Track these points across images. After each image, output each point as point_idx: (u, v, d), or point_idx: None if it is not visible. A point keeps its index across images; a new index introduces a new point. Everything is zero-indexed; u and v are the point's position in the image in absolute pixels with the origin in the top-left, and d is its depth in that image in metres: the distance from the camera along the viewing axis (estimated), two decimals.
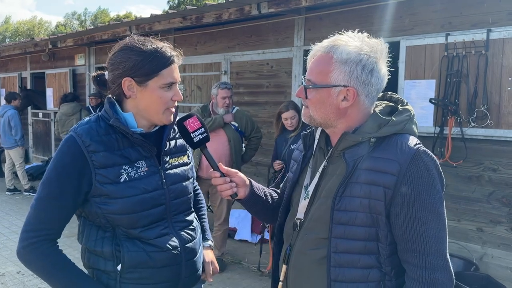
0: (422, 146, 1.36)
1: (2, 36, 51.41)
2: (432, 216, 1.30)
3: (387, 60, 1.42)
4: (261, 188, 1.66)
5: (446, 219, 1.35)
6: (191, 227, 1.73)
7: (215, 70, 6.34)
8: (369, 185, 1.32)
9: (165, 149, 1.66)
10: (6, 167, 8.22)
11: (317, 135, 1.53)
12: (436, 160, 1.37)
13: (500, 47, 3.77)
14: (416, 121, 1.43)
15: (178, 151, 1.73)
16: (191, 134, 1.56)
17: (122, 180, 1.53)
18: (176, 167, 1.69)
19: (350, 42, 1.37)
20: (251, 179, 1.63)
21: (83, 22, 55.48)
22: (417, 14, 4.29)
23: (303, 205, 1.47)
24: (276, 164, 4.35)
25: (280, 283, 1.53)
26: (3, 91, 11.25)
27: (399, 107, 1.45)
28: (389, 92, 1.53)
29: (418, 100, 4.20)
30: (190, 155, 1.81)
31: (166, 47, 1.57)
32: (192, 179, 1.79)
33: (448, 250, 1.34)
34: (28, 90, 9.96)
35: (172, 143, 1.71)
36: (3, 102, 8.53)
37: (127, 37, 1.61)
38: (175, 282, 1.64)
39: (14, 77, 11.13)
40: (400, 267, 1.37)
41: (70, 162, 1.49)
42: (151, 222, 1.58)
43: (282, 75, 5.57)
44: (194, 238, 1.72)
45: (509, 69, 3.73)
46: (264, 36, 5.75)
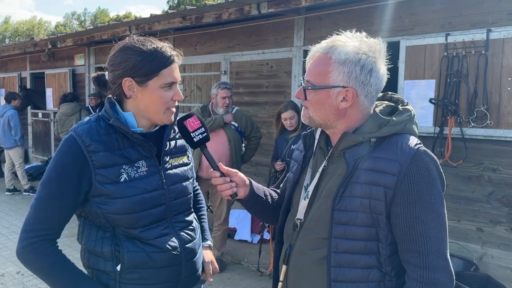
0: (422, 146, 1.35)
1: (1, 36, 51.40)
2: (433, 216, 1.30)
3: (386, 59, 1.42)
4: (261, 188, 1.66)
5: (447, 219, 1.35)
6: (191, 227, 1.73)
7: (214, 70, 6.34)
8: (369, 185, 1.31)
9: (165, 149, 1.66)
10: (6, 167, 8.21)
11: (317, 135, 1.53)
12: (437, 160, 1.36)
13: (500, 47, 3.77)
14: (416, 121, 1.43)
15: (178, 151, 1.73)
16: (191, 133, 1.55)
17: (122, 180, 1.52)
18: (176, 167, 1.69)
19: (349, 42, 1.37)
20: (251, 179, 1.63)
21: (83, 22, 55.48)
22: (417, 14, 4.29)
23: (303, 205, 1.46)
24: (278, 164, 4.35)
25: (280, 283, 1.53)
26: (2, 91, 11.24)
27: (400, 107, 1.44)
28: (389, 92, 1.53)
29: (418, 100, 4.20)
30: (190, 156, 1.81)
31: (166, 46, 1.57)
32: (192, 179, 1.79)
33: (448, 250, 1.34)
34: (28, 89, 9.95)
35: (172, 143, 1.71)
36: (3, 102, 8.52)
37: (127, 37, 1.60)
38: (175, 282, 1.64)
39: (14, 77, 11.13)
40: (400, 267, 1.37)
41: (70, 161, 1.49)
42: (151, 222, 1.58)
43: (282, 75, 5.57)
44: (193, 238, 1.72)
45: (509, 69, 3.73)
46: (264, 36, 5.75)
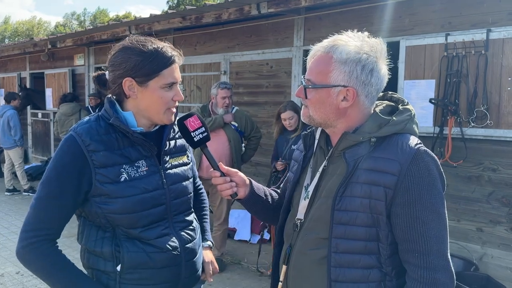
0: (423, 146, 1.35)
1: (1, 36, 51.38)
2: (433, 216, 1.30)
3: (386, 59, 1.42)
4: (261, 188, 1.65)
5: (447, 219, 1.35)
6: (191, 227, 1.73)
7: (214, 70, 6.33)
8: (369, 185, 1.31)
9: (165, 148, 1.65)
10: (6, 167, 8.21)
11: (317, 135, 1.53)
12: (437, 160, 1.36)
13: (500, 47, 3.77)
14: (416, 120, 1.43)
15: (178, 151, 1.72)
16: (192, 133, 1.55)
17: (123, 179, 1.52)
18: (176, 167, 1.69)
19: (350, 42, 1.37)
20: (251, 179, 1.63)
21: (82, 22, 55.47)
22: (416, 14, 4.29)
23: (303, 205, 1.46)
24: (279, 164, 4.35)
25: (280, 283, 1.53)
26: (2, 91, 11.24)
27: (400, 107, 1.44)
28: (389, 92, 1.53)
29: (417, 100, 4.20)
30: (190, 155, 1.81)
31: (166, 47, 1.57)
32: (192, 179, 1.79)
33: (449, 250, 1.34)
34: (28, 89, 9.94)
35: (172, 143, 1.71)
36: (2, 102, 8.51)
37: (128, 37, 1.60)
38: (175, 282, 1.64)
39: (13, 77, 11.12)
40: (400, 267, 1.37)
41: (70, 161, 1.48)
42: (151, 222, 1.58)
43: (282, 75, 5.57)
44: (194, 238, 1.71)
45: (508, 69, 3.73)
46: (263, 36, 5.75)
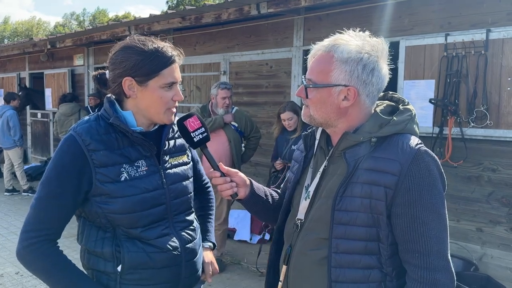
0: (423, 146, 1.35)
1: (0, 37, 51.36)
2: (434, 216, 1.30)
3: (387, 59, 1.42)
4: (261, 188, 1.65)
5: (448, 220, 1.35)
6: (192, 227, 1.72)
7: (214, 70, 6.33)
8: (370, 185, 1.31)
9: (164, 148, 1.65)
10: (5, 168, 8.20)
11: (317, 135, 1.53)
12: (438, 160, 1.36)
13: (499, 47, 3.77)
14: (417, 121, 1.42)
15: (177, 151, 1.72)
16: (191, 133, 1.55)
17: (123, 179, 1.52)
18: (175, 166, 1.69)
19: (351, 41, 1.37)
20: (251, 179, 1.63)
21: (82, 22, 55.47)
22: (416, 14, 4.29)
23: (304, 205, 1.46)
24: (278, 163, 4.35)
25: (280, 284, 1.52)
26: (1, 92, 11.23)
27: (400, 107, 1.44)
28: (390, 92, 1.53)
29: (417, 100, 4.20)
30: (190, 155, 1.80)
31: (167, 46, 1.57)
32: (192, 178, 1.78)
33: (449, 251, 1.33)
34: (28, 89, 9.94)
35: (171, 142, 1.70)
36: (2, 103, 8.51)
37: (128, 36, 1.60)
38: (175, 282, 1.63)
39: (13, 77, 11.11)
40: (401, 267, 1.36)
41: (70, 161, 1.48)
42: (151, 222, 1.58)
43: (282, 75, 5.57)
44: (194, 238, 1.71)
45: (508, 69, 3.73)
46: (263, 36, 5.75)
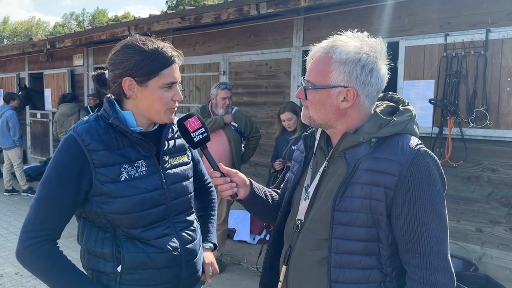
0: (423, 146, 1.35)
1: (0, 37, 51.33)
2: (433, 216, 1.30)
3: (387, 60, 1.42)
4: (261, 189, 1.65)
5: (447, 220, 1.35)
6: (192, 227, 1.72)
7: (214, 71, 6.33)
8: (369, 185, 1.31)
9: (164, 148, 1.65)
10: (4, 168, 8.20)
11: (317, 136, 1.53)
12: (438, 160, 1.36)
13: (499, 47, 3.77)
14: (417, 121, 1.42)
15: (177, 151, 1.72)
16: (192, 134, 1.55)
17: (123, 179, 1.52)
18: (175, 166, 1.69)
19: (350, 42, 1.37)
20: (251, 180, 1.63)
21: (81, 22, 55.47)
22: (416, 15, 4.29)
23: (304, 206, 1.46)
24: (277, 164, 4.35)
25: (280, 284, 1.52)
26: (1, 92, 11.23)
27: (400, 107, 1.44)
28: (389, 92, 1.53)
29: (417, 101, 4.20)
30: (190, 155, 1.80)
31: (167, 47, 1.57)
32: (192, 178, 1.78)
33: (449, 251, 1.34)
34: (28, 88, 9.94)
35: (171, 142, 1.70)
36: (1, 103, 8.50)
37: (128, 36, 1.60)
38: (175, 283, 1.63)
39: (12, 77, 11.11)
40: (401, 268, 1.36)
41: (70, 161, 1.48)
42: (151, 222, 1.58)
43: (281, 76, 5.57)
44: (194, 239, 1.71)
45: (508, 69, 3.74)
46: (263, 37, 5.75)
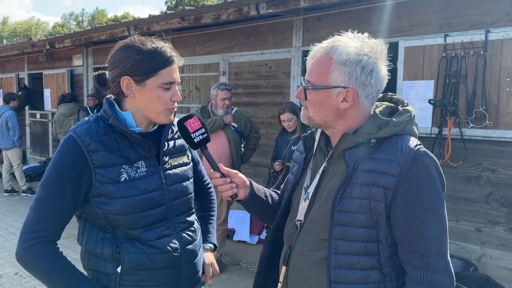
0: (422, 147, 1.35)
1: None
2: (433, 217, 1.30)
3: (387, 61, 1.42)
4: (261, 189, 1.65)
5: (447, 220, 1.35)
6: (192, 228, 1.72)
7: (213, 71, 6.33)
8: (369, 186, 1.31)
9: (163, 149, 1.65)
10: (4, 168, 8.19)
11: (317, 136, 1.53)
12: (437, 161, 1.36)
13: (498, 48, 3.77)
14: (416, 122, 1.43)
15: (177, 151, 1.72)
16: (192, 134, 1.55)
17: (122, 179, 1.52)
18: (175, 167, 1.69)
19: (350, 43, 1.37)
20: (251, 180, 1.63)
21: (80, 22, 55.46)
22: (415, 15, 4.30)
23: (303, 206, 1.46)
24: (276, 165, 4.35)
25: (280, 284, 1.53)
26: (0, 92, 11.22)
27: (400, 108, 1.44)
28: (389, 93, 1.53)
29: (416, 101, 4.20)
30: (191, 155, 1.80)
31: (166, 47, 1.57)
32: (192, 179, 1.78)
33: (448, 251, 1.34)
34: (28, 88, 9.94)
35: (171, 143, 1.70)
36: (1, 103, 8.50)
37: (128, 37, 1.60)
38: (175, 284, 1.63)
39: (12, 77, 11.11)
40: (400, 268, 1.37)
41: (70, 162, 1.48)
42: (151, 222, 1.58)
43: (281, 76, 5.57)
44: (194, 239, 1.71)
45: (507, 69, 3.74)
46: (262, 37, 5.75)
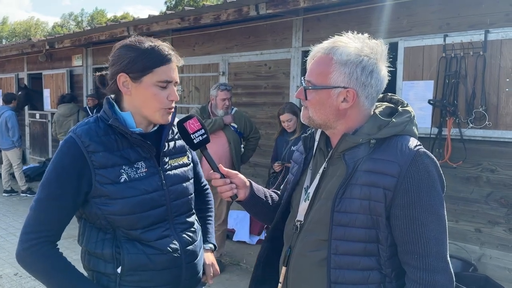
0: (422, 147, 1.35)
1: None
2: (433, 217, 1.30)
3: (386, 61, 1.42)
4: (261, 190, 1.65)
5: (447, 221, 1.35)
6: (192, 229, 1.72)
7: (213, 71, 6.33)
8: (369, 186, 1.31)
9: (163, 150, 1.65)
10: (3, 168, 8.18)
11: (317, 137, 1.53)
12: (437, 161, 1.36)
13: (498, 48, 3.77)
14: (416, 122, 1.43)
15: (177, 152, 1.72)
16: (191, 135, 1.55)
17: (122, 180, 1.52)
18: (175, 168, 1.69)
19: (350, 43, 1.37)
20: (251, 181, 1.63)
21: (80, 22, 55.45)
22: (415, 15, 4.30)
23: (303, 207, 1.46)
24: (276, 166, 4.36)
25: (280, 285, 1.53)
26: (0, 92, 11.22)
27: (399, 108, 1.44)
28: (389, 94, 1.53)
29: (416, 101, 4.20)
30: (191, 156, 1.80)
31: (163, 45, 1.57)
32: (193, 180, 1.78)
33: (448, 252, 1.34)
34: (27, 88, 9.94)
35: (171, 144, 1.70)
36: (0, 103, 8.49)
37: (128, 37, 1.60)
38: (175, 284, 1.63)
39: (11, 78, 11.10)
40: (400, 269, 1.37)
41: (70, 162, 1.48)
42: (151, 223, 1.58)
43: (280, 76, 5.57)
44: (194, 240, 1.71)
45: (506, 70, 3.74)
46: (262, 37, 5.75)
